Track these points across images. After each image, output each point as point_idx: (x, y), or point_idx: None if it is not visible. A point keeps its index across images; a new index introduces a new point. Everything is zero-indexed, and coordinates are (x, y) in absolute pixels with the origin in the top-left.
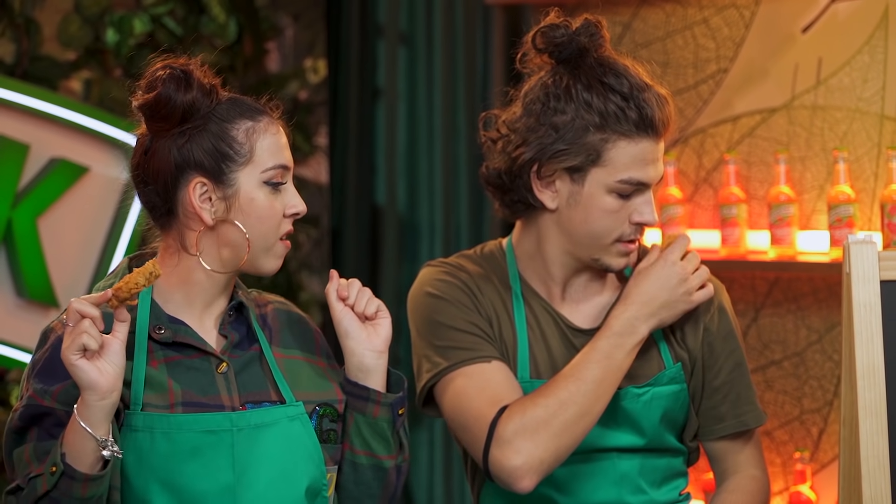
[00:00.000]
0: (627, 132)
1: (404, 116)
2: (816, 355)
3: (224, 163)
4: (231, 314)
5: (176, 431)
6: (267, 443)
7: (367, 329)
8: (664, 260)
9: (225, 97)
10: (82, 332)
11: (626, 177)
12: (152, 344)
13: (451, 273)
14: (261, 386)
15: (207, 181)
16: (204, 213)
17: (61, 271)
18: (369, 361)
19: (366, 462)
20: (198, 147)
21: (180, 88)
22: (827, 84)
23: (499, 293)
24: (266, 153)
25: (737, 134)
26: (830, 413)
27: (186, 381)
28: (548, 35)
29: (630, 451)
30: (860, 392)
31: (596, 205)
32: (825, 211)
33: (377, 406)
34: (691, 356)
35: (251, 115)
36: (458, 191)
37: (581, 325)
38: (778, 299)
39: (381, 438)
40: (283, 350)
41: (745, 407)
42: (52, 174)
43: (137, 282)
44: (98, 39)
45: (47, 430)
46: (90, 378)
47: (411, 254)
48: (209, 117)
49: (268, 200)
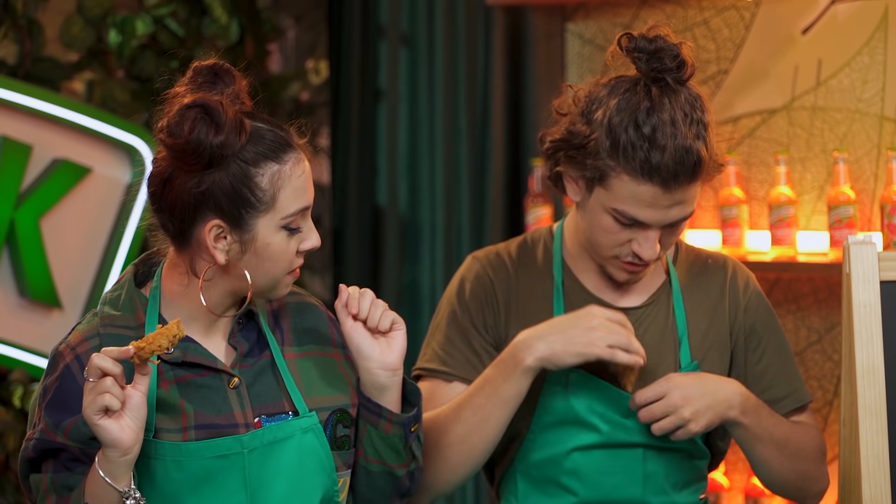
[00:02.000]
0: (631, 171)
1: (406, 117)
2: (816, 355)
3: (244, 209)
4: (241, 322)
5: (187, 459)
6: (280, 459)
7: (379, 345)
8: (593, 308)
9: (250, 127)
10: (104, 392)
11: (621, 209)
12: (161, 365)
13: (480, 274)
14: (274, 396)
15: (224, 224)
16: (217, 254)
17: (64, 272)
18: (383, 380)
19: (378, 470)
20: (218, 189)
21: (210, 131)
22: (827, 85)
23: (537, 286)
24: (289, 200)
25: (737, 135)
26: (830, 413)
27: (199, 401)
28: (632, 40)
29: (657, 448)
30: (860, 392)
31: (596, 220)
32: (825, 212)
33: (389, 423)
34: (732, 342)
35: (277, 156)
36: (459, 192)
37: (626, 304)
38: (778, 300)
39: (393, 451)
40: (296, 349)
41: (795, 384)
42: (54, 175)
43: (161, 344)
44: (100, 41)
45: (63, 464)
46: (113, 437)
47: (412, 254)
48: (234, 157)
49: (284, 243)
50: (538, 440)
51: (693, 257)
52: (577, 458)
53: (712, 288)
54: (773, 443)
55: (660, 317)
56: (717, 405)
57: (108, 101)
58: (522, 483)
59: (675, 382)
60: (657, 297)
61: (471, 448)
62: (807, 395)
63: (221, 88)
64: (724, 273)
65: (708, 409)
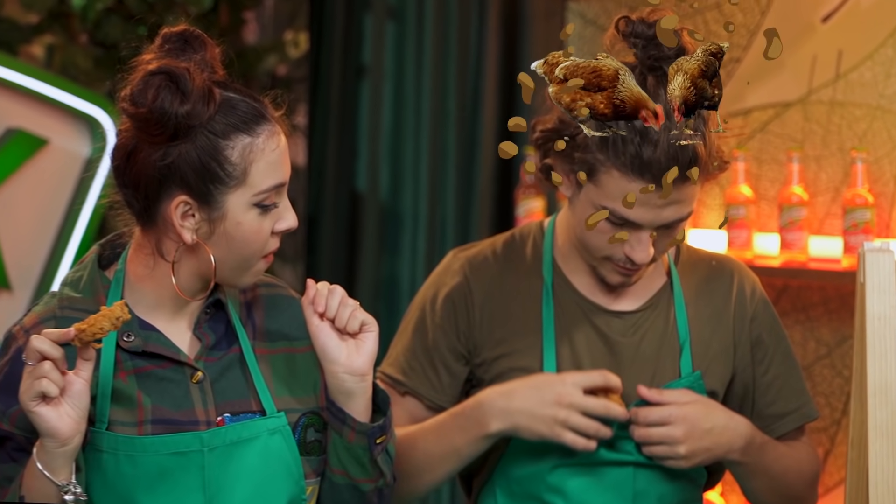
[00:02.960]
0: (621, 166)
1: (390, 97)
2: (825, 370)
3: (212, 184)
4: (208, 312)
5: (141, 454)
6: (243, 460)
7: (347, 347)
8: (565, 376)
9: (220, 97)
10: (41, 377)
11: (610, 207)
12: (120, 353)
13: (456, 284)
14: (241, 394)
15: (192, 201)
16: (185, 233)
17: (14, 250)
18: (350, 386)
19: (342, 482)
20: (185, 163)
21: (176, 100)
22: (847, 79)
23: (523, 287)
24: (261, 175)
25: (748, 129)
26: (838, 433)
27: (158, 395)
28: (630, 24)
29: (649, 467)
30: (871, 411)
31: (586, 217)
32: (840, 215)
33: (352, 432)
34: (737, 352)
35: (249, 128)
36: (445, 179)
37: (621, 307)
38: (786, 308)
39: (357, 463)
40: (268, 345)
41: (803, 398)
42: (8, 146)
43: (102, 326)
44: (63, 2)
45: (8, 454)
46: (49, 426)
47: (392, 245)
48: (201, 128)
49: (256, 222)
50: (520, 453)
51: (696, 259)
52: (561, 473)
53: (717, 292)
54: (768, 476)
55: (659, 322)
56: (718, 448)
57: (69, 67)
58: (503, 498)
59: (683, 413)
60: (656, 301)
61: (419, 484)
62: (814, 412)
63: (191, 55)
64: (730, 277)
65: (706, 451)
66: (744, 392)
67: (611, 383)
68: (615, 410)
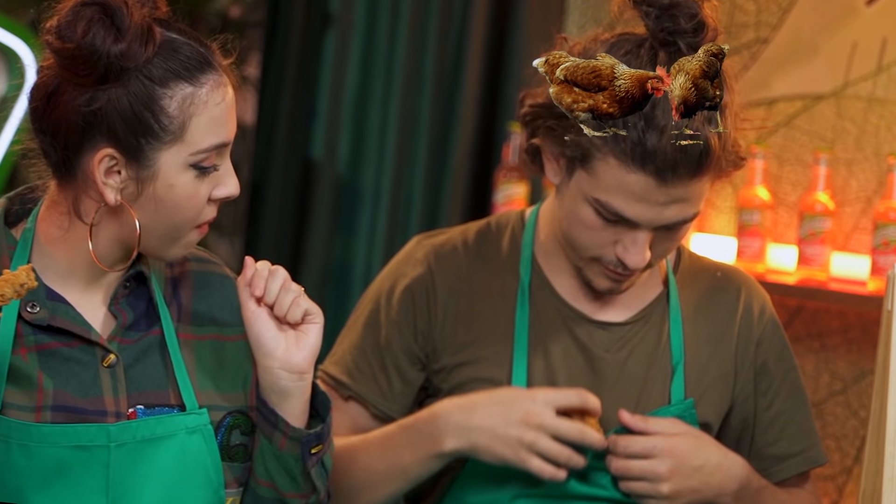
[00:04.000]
0: (620, 153)
1: (358, 52)
2: (838, 409)
3: (144, 138)
4: (128, 285)
5: (37, 445)
6: (155, 461)
7: (286, 339)
8: (536, 393)
9: (160, 38)
10: None
11: (604, 199)
12: (22, 326)
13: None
14: (158, 384)
15: (118, 155)
16: (107, 192)
17: None
18: (285, 384)
19: (267, 496)
20: (114, 110)
21: (109, 36)
22: (889, 72)
23: (496, 284)
24: (202, 131)
25: (770, 122)
26: (848, 483)
27: (62, 378)
28: None
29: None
30: (888, 461)
31: (575, 210)
32: (870, 230)
33: (284, 438)
34: (737, 380)
35: (192, 76)
36: (414, 152)
37: (607, 318)
38: (798, 333)
39: (287, 475)
40: (194, 329)
41: (810, 439)
42: None
43: (4, 293)
44: None
45: None
46: None
47: (347, 224)
48: (136, 72)
49: (192, 186)
50: (476, 478)
51: (698, 268)
52: None
53: (719, 309)
54: None
55: (650, 338)
56: (707, 489)
57: None
58: None
59: (670, 446)
60: (648, 314)
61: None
62: (822, 456)
63: None
64: (737, 292)
65: (693, 491)
66: (742, 427)
67: (588, 405)
68: (591, 436)
